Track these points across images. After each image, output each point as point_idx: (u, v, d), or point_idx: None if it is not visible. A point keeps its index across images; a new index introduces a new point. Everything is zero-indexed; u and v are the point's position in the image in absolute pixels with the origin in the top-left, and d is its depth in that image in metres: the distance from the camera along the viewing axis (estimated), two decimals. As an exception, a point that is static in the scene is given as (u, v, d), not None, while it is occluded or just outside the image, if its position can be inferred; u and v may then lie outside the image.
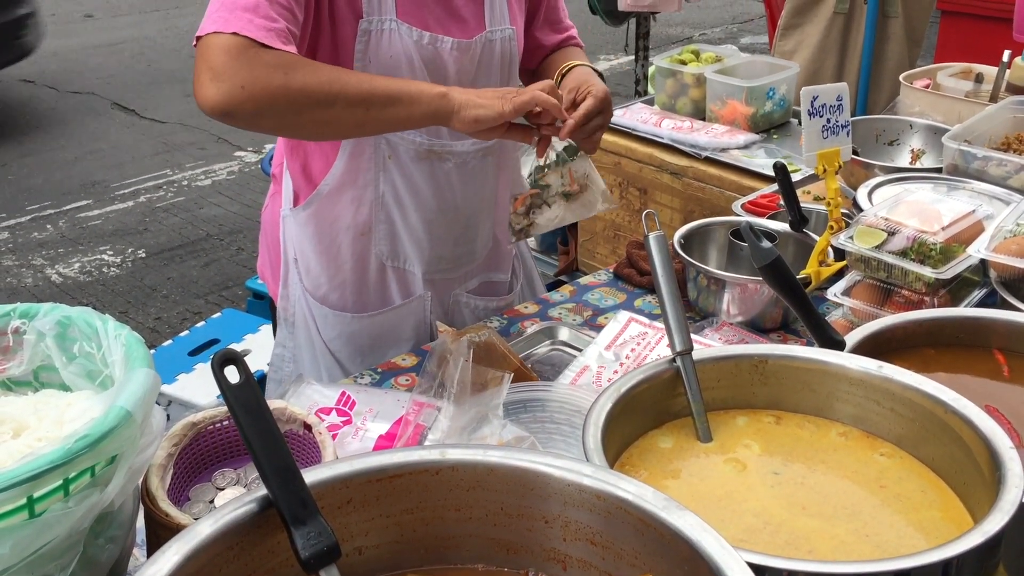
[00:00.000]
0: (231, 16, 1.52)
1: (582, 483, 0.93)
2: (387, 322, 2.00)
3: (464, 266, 2.03)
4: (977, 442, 1.08)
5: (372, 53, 1.72)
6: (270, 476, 0.89)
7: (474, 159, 1.91)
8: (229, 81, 1.49)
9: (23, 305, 1.33)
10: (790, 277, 1.38)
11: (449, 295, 2.04)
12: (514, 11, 1.89)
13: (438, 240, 1.95)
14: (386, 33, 1.72)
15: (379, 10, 1.71)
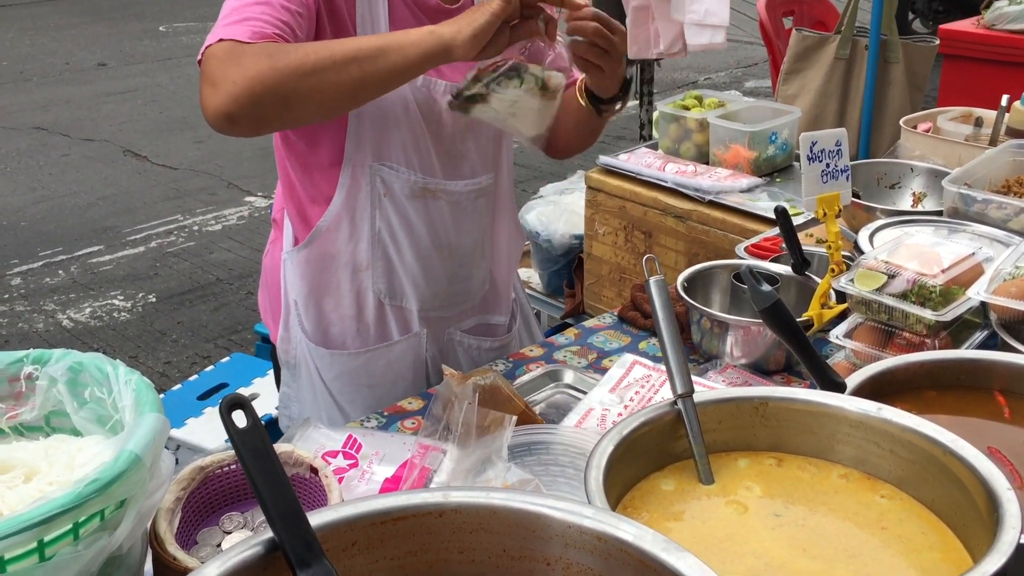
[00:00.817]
0: (222, 31, 1.57)
1: (583, 525, 0.94)
2: (384, 358, 2.03)
3: (459, 305, 2.07)
4: (975, 483, 1.09)
5: None
6: (276, 519, 0.90)
7: (467, 199, 1.96)
8: (222, 82, 1.52)
9: (35, 351, 1.35)
10: (790, 320, 1.40)
11: (444, 334, 2.07)
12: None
13: (433, 277, 1.99)
14: None
15: None
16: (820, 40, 3.29)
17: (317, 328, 2.02)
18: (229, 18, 1.61)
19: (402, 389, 2.02)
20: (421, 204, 1.90)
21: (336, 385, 2.04)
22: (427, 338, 2.04)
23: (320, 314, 2.01)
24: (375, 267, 1.95)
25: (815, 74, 3.27)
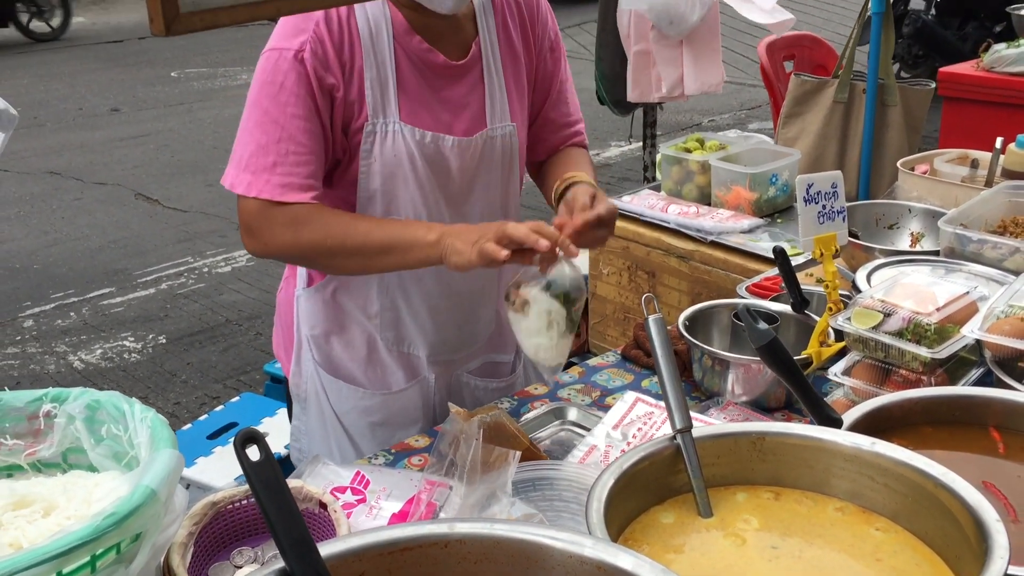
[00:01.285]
0: (254, 179, 1.76)
1: (583, 554, 0.98)
2: (395, 403, 2.07)
3: (467, 347, 2.11)
4: (965, 515, 1.12)
5: (377, 151, 1.84)
6: (287, 549, 0.94)
7: None
8: (255, 238, 1.80)
9: (54, 390, 1.40)
10: (787, 357, 1.44)
11: (452, 375, 2.11)
12: (515, 108, 1.99)
13: (442, 325, 2.03)
14: (390, 134, 1.84)
15: (383, 113, 1.83)
16: (819, 84, 3.36)
17: (329, 362, 2.06)
18: (256, 158, 1.76)
19: (412, 429, 2.06)
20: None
21: (348, 418, 2.08)
22: (436, 381, 2.08)
23: (332, 351, 2.06)
24: (383, 316, 2.00)
25: (814, 117, 3.33)
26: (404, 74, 1.85)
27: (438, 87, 1.89)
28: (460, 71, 1.91)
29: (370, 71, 1.81)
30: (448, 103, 1.90)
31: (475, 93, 1.93)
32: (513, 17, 1.98)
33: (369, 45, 1.81)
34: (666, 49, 4.12)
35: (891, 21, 3.16)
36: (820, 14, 11.76)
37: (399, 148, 1.85)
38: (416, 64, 1.86)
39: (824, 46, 5.05)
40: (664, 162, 3.22)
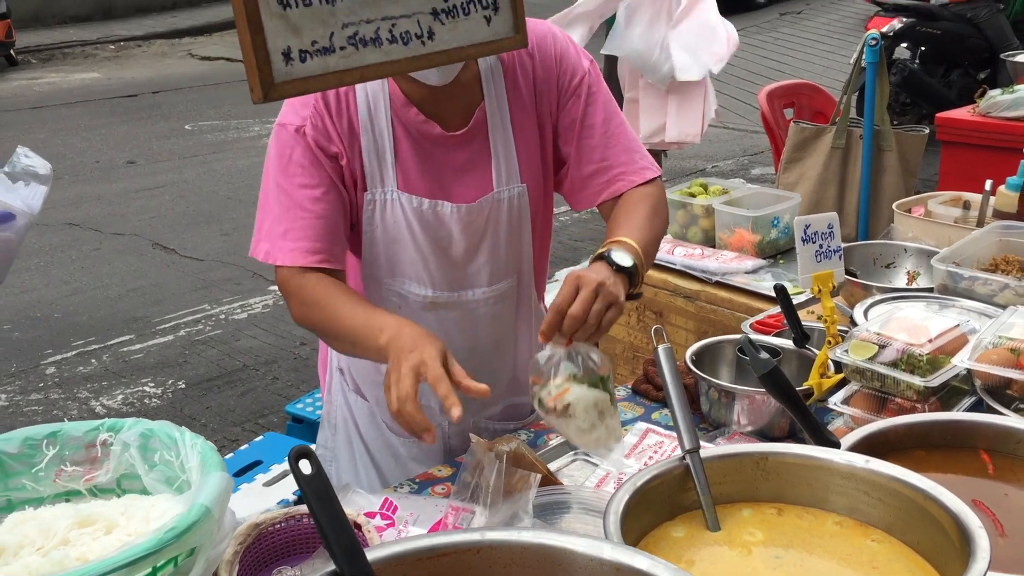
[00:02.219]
0: (272, 247, 1.88)
1: (603, 557, 1.09)
2: (413, 448, 2.14)
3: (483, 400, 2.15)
4: (951, 524, 1.23)
5: (378, 219, 1.94)
6: (338, 553, 1.05)
7: (484, 306, 2.03)
8: (288, 301, 1.92)
9: (110, 420, 1.51)
10: (787, 385, 1.55)
11: (470, 422, 2.12)
12: (525, 169, 1.97)
13: None
14: (388, 203, 1.92)
15: (382, 183, 1.91)
16: (817, 131, 3.50)
17: (354, 398, 2.18)
18: (274, 228, 1.88)
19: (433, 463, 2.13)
20: (434, 315, 2.00)
21: (375, 445, 2.17)
22: (450, 427, 2.12)
23: (359, 390, 2.17)
24: None
25: (814, 162, 3.47)
26: (401, 145, 1.91)
27: (436, 156, 1.93)
28: (459, 141, 1.93)
29: (367, 143, 1.89)
30: (448, 171, 1.94)
31: (479, 158, 1.95)
32: (527, 75, 1.96)
33: (367, 118, 1.88)
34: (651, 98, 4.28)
35: (885, 70, 3.31)
36: (819, 63, 11.99)
37: (397, 215, 1.92)
38: (413, 135, 1.91)
39: (822, 94, 5.21)
40: (670, 206, 3.35)
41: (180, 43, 16.23)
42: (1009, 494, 1.54)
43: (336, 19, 1.00)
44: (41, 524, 1.32)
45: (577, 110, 1.99)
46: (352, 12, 1.02)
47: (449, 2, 1.16)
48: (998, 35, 7.85)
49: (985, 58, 7.90)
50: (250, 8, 0.87)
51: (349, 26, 1.03)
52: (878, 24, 7.84)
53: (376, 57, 1.07)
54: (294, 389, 4.97)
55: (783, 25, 13.88)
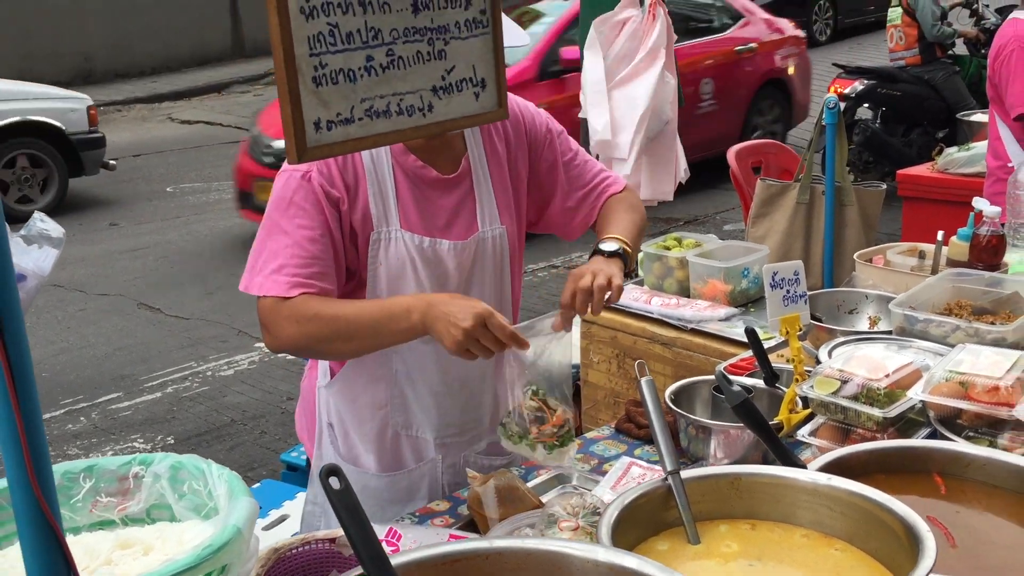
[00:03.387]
0: (264, 280, 2.04)
1: (598, 559, 1.23)
2: (404, 482, 2.28)
3: (471, 431, 2.31)
4: (903, 530, 1.39)
5: (382, 256, 2.11)
6: (366, 559, 1.19)
7: None
8: (269, 334, 2.06)
9: (140, 455, 1.65)
10: (758, 414, 1.72)
11: (460, 456, 2.30)
12: (503, 212, 2.23)
13: (446, 409, 2.25)
14: (392, 241, 2.11)
15: (386, 223, 2.10)
16: (782, 188, 3.71)
17: (349, 449, 2.29)
18: (266, 263, 2.04)
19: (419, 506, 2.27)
20: (431, 349, 2.16)
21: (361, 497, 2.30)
22: (443, 463, 2.29)
23: (348, 438, 2.29)
24: (393, 404, 2.24)
25: (780, 217, 3.67)
26: (401, 188, 2.11)
27: (433, 198, 2.15)
28: (451, 183, 2.17)
29: (372, 187, 2.08)
30: (442, 211, 2.16)
31: (467, 201, 2.19)
32: (498, 131, 2.24)
33: (371, 165, 2.08)
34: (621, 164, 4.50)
35: (843, 130, 3.53)
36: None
37: (401, 252, 2.11)
38: (411, 179, 2.12)
39: (788, 152, 5.46)
40: (646, 259, 3.54)
41: (160, 107, 16.42)
42: (960, 511, 1.71)
43: (356, 95, 1.18)
44: (85, 547, 1.45)
45: (553, 152, 2.33)
46: (369, 89, 1.20)
47: (445, 81, 1.34)
48: (955, 96, 8.21)
49: (943, 118, 8.26)
50: (292, 86, 1.04)
51: (366, 100, 1.20)
52: (841, 85, 8.19)
53: (386, 127, 1.25)
54: (282, 443, 5.06)
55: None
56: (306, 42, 1.07)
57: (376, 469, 2.27)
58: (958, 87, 8.28)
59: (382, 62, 1.18)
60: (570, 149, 2.37)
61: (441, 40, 1.31)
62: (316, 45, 1.09)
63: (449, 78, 1.26)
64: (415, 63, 1.22)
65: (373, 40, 1.19)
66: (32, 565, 0.93)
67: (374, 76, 1.17)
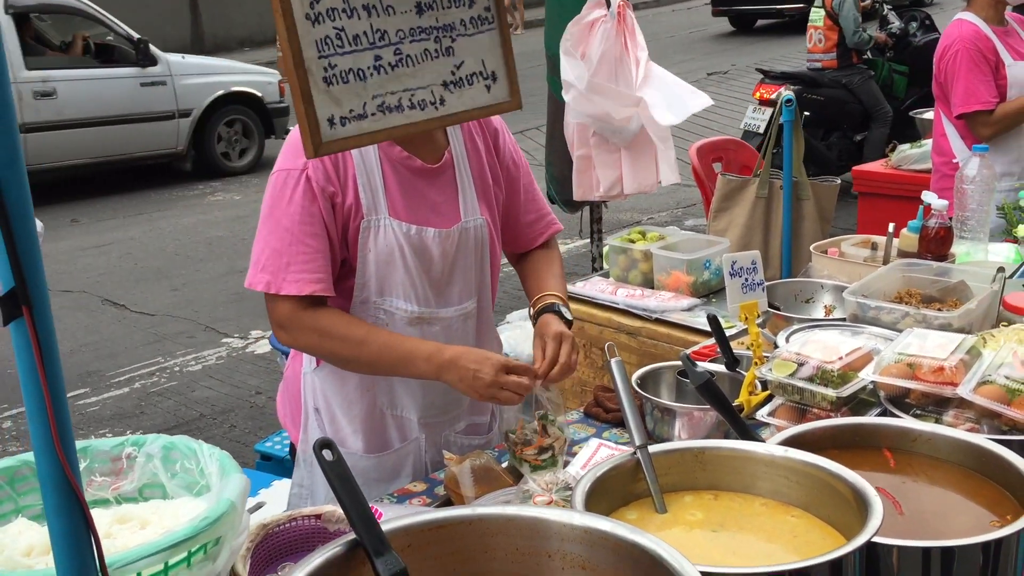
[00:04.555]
0: (273, 278, 2.15)
1: (574, 523, 1.33)
2: (389, 462, 2.38)
3: (452, 411, 2.43)
4: (853, 495, 1.50)
5: (371, 244, 2.21)
6: (358, 522, 1.27)
7: (456, 322, 2.36)
8: (288, 334, 2.21)
9: (133, 436, 1.72)
10: (720, 393, 1.82)
11: (440, 436, 2.43)
12: (482, 205, 2.36)
13: (430, 390, 2.35)
14: (382, 228, 2.21)
15: (376, 211, 2.20)
16: (742, 183, 3.84)
17: (336, 432, 2.38)
18: (272, 261, 2.15)
19: (405, 484, 2.37)
20: (418, 330, 2.28)
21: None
22: (426, 441, 2.41)
23: (335, 421, 2.37)
24: (380, 385, 2.34)
25: (740, 211, 3.80)
26: (389, 178, 2.22)
27: (418, 187, 2.27)
28: (435, 173, 2.29)
29: (362, 177, 2.19)
30: (427, 200, 2.28)
31: (449, 191, 2.31)
32: (477, 130, 2.39)
33: (359, 157, 2.17)
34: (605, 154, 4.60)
35: (799, 127, 3.67)
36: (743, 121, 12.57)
37: (390, 239, 2.22)
38: (398, 169, 2.24)
39: (747, 149, 5.61)
40: (611, 252, 3.65)
41: (120, 103, 16.26)
42: (906, 482, 1.82)
43: (368, 92, 1.27)
44: (84, 522, 1.52)
45: (517, 172, 2.49)
46: (380, 86, 1.28)
47: (455, 75, 1.42)
48: (871, 100, 8.45)
49: (860, 121, 8.49)
50: (303, 86, 1.12)
51: (377, 97, 1.29)
52: (766, 91, 8.37)
53: (399, 120, 1.33)
54: (252, 436, 5.11)
55: (710, 84, 14.52)
56: (314, 46, 1.16)
57: (363, 450, 2.36)
58: (874, 91, 8.50)
59: (391, 61, 1.26)
60: (531, 175, 2.56)
61: (448, 38, 1.40)
62: (324, 48, 1.18)
63: (459, 72, 1.35)
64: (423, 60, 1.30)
65: (380, 41, 1.27)
66: (56, 525, 1.01)
67: (384, 74, 1.25)
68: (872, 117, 8.42)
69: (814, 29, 8.53)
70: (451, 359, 2.14)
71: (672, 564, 1.22)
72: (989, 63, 4.09)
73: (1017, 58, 4.12)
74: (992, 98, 4.08)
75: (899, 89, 8.87)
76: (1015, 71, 4.10)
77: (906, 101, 8.79)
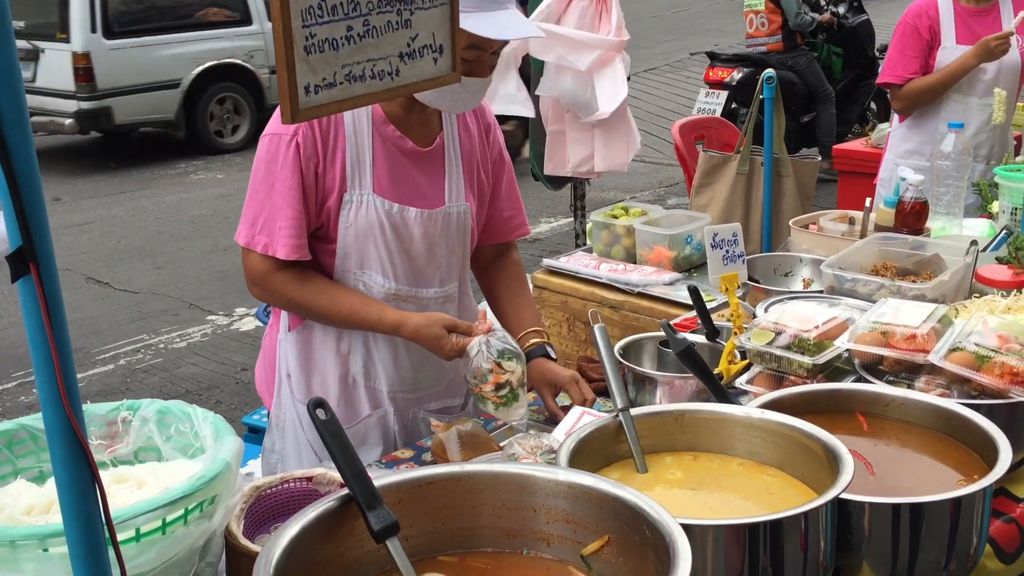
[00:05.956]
0: (257, 235, 2.21)
1: (558, 479, 1.38)
2: (358, 432, 2.41)
3: (424, 389, 2.46)
4: (825, 453, 1.56)
5: (352, 218, 2.25)
6: (350, 478, 1.32)
7: (435, 304, 2.39)
8: (259, 289, 2.29)
9: (128, 401, 1.76)
10: (700, 359, 1.88)
11: (409, 412, 2.46)
12: (469, 192, 2.40)
13: (401, 365, 2.39)
14: (364, 203, 2.25)
15: (359, 186, 2.24)
16: (724, 159, 3.89)
17: (303, 397, 2.42)
18: (258, 219, 2.21)
19: (374, 454, 2.40)
20: (394, 306, 2.31)
21: (317, 445, 2.42)
22: (393, 414, 2.43)
23: (308, 387, 2.41)
24: (354, 353, 2.38)
25: (722, 187, 3.86)
26: (379, 155, 2.26)
27: (407, 168, 2.30)
28: (426, 156, 2.33)
29: (351, 151, 2.23)
30: (414, 181, 2.31)
31: (437, 175, 2.35)
32: (472, 121, 2.44)
33: (351, 130, 2.23)
34: (578, 131, 4.66)
35: (780, 104, 3.72)
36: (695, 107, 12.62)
37: (371, 215, 2.25)
38: (389, 148, 2.27)
39: (729, 127, 5.66)
40: (594, 228, 3.70)
41: (100, 81, 16.14)
42: (879, 445, 1.89)
43: (339, 61, 1.31)
44: (82, 482, 1.56)
45: (503, 166, 2.54)
46: (349, 56, 1.33)
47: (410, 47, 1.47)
48: (816, 81, 8.55)
49: (805, 103, 8.59)
50: (288, 54, 1.17)
51: (346, 67, 1.34)
52: (716, 75, 8.42)
53: (362, 89, 1.38)
54: (238, 411, 5.14)
55: (693, 64, 14.57)
56: (300, 15, 1.20)
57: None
58: (817, 73, 8.60)
59: (359, 31, 1.31)
60: (513, 173, 2.59)
61: (408, 10, 1.44)
62: (307, 18, 1.23)
63: (414, 44, 1.40)
64: (386, 32, 1.35)
65: (352, 12, 1.31)
66: (62, 475, 1.05)
67: (353, 44, 1.30)
68: (816, 98, 8.53)
69: (754, 13, 8.56)
70: (399, 322, 2.26)
71: (652, 515, 1.27)
72: (921, 40, 4.08)
73: (967, 41, 4.05)
74: (906, 73, 4.11)
75: (837, 70, 8.99)
76: (946, 55, 4.05)
77: (842, 82, 8.91)
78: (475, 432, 2.14)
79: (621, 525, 1.31)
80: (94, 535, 1.09)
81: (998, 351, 1.99)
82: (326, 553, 1.32)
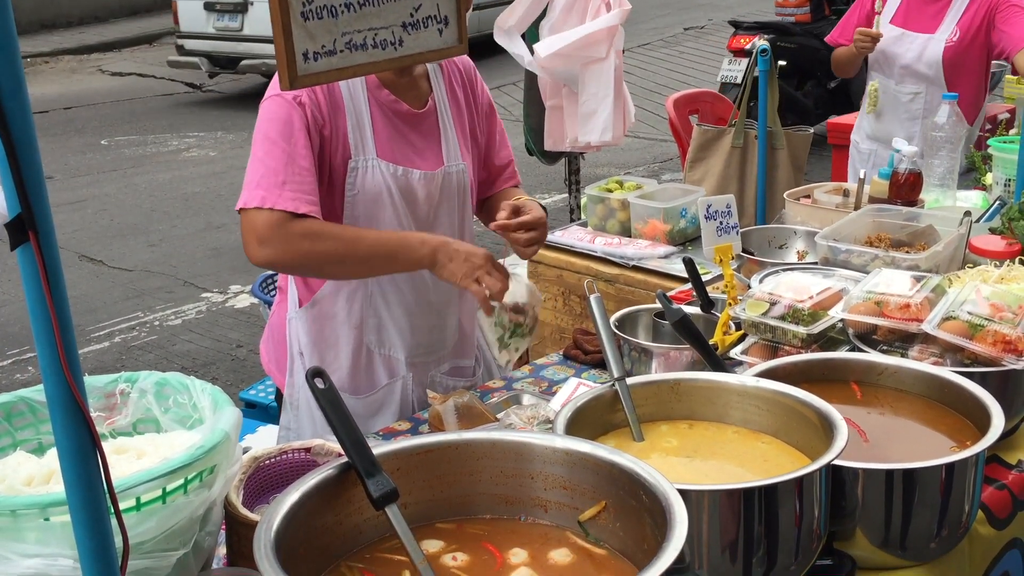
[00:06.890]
0: (267, 194, 2.11)
1: (555, 446, 1.40)
2: (377, 401, 2.44)
3: (437, 351, 2.49)
4: (818, 419, 1.57)
5: (359, 184, 2.26)
6: (349, 446, 1.33)
7: None
8: (271, 247, 2.11)
9: (126, 373, 1.76)
10: (695, 329, 1.89)
11: (427, 376, 2.49)
12: (463, 151, 2.43)
13: (416, 328, 2.42)
14: (369, 169, 2.26)
15: (363, 152, 2.25)
16: (718, 132, 3.89)
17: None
18: (267, 179, 2.12)
19: (392, 421, 2.43)
20: (406, 273, 2.33)
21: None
22: (412, 380, 2.46)
23: (322, 363, 2.42)
24: (368, 323, 2.39)
25: (716, 160, 3.86)
26: (377, 120, 2.27)
27: (404, 131, 2.32)
28: (421, 118, 2.35)
29: (351, 118, 2.23)
30: (413, 144, 2.33)
31: (433, 136, 2.38)
32: (457, 80, 2.46)
33: (348, 97, 2.23)
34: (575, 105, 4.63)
35: (775, 77, 3.72)
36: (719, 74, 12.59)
37: (377, 180, 2.26)
38: (386, 112, 2.29)
39: (723, 101, 5.64)
40: (589, 201, 3.70)
41: (89, 59, 16.03)
42: (871, 413, 1.91)
43: (338, 29, 1.31)
44: (82, 453, 1.57)
45: (492, 116, 2.56)
46: (348, 24, 1.33)
47: (414, 17, 1.47)
48: None
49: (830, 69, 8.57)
50: (284, 20, 1.16)
51: (346, 34, 1.34)
52: (738, 43, 8.39)
53: (363, 59, 1.38)
54: (234, 388, 5.15)
55: (687, 39, 14.51)
56: (296, -19, 1.20)
57: (349, 391, 2.40)
58: None
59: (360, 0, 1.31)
60: (501, 122, 2.62)
61: None
62: (305, -17, 1.22)
63: (417, 15, 1.40)
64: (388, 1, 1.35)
65: (351, -21, 1.32)
66: (64, 443, 1.06)
67: (353, 12, 1.30)
68: None
69: None
70: (444, 240, 2.20)
71: (649, 481, 1.29)
72: (864, 10, 4.12)
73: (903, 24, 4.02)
74: (840, 39, 4.21)
75: None
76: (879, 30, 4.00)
77: None
78: (471, 404, 2.15)
79: (618, 491, 1.33)
80: (96, 503, 1.10)
81: (991, 319, 2.01)
82: (326, 521, 1.33)
